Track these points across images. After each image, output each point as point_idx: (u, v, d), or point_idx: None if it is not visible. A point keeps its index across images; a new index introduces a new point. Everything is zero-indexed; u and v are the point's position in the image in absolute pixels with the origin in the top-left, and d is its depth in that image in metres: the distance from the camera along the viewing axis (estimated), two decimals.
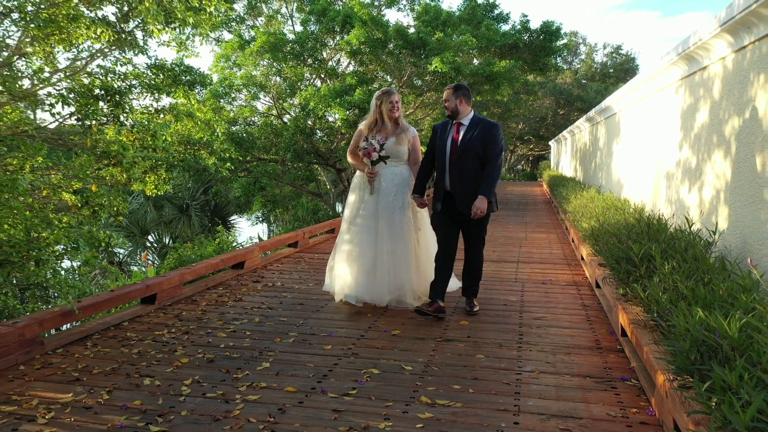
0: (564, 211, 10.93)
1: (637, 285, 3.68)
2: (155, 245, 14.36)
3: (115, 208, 5.48)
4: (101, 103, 5.33)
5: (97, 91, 5.18)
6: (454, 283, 5.40)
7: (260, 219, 21.15)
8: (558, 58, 18.05)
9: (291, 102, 16.55)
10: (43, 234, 3.99)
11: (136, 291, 4.81)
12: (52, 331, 4.43)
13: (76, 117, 5.02)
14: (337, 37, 15.20)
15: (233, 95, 14.68)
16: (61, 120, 5.01)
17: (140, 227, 14.08)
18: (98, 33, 4.82)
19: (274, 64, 14.64)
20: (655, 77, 7.01)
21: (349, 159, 5.23)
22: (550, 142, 35.02)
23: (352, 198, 5.20)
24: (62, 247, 4.17)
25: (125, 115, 5.35)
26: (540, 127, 39.87)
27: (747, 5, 3.84)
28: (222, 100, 14.62)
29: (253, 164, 14.21)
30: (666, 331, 2.72)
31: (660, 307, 2.99)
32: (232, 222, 17.27)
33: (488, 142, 4.52)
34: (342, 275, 5.08)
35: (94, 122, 5.07)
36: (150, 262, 13.64)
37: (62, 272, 4.36)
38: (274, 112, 16.43)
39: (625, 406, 3.08)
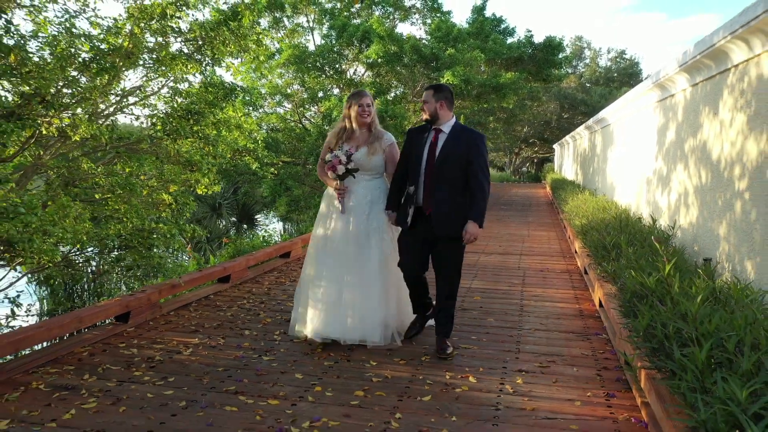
0: (562, 211, 12.16)
1: (607, 264, 4.93)
2: (188, 241, 15.67)
3: (188, 206, 6.76)
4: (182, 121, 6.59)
5: (181, 111, 6.45)
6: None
7: (279, 218, 22.41)
8: (561, 69, 19.25)
9: (310, 108, 17.84)
10: (160, 225, 5.26)
11: (216, 271, 6.08)
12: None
13: (166, 132, 6.27)
14: (355, 49, 16.47)
15: (259, 103, 15.95)
16: (154, 135, 6.27)
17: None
18: (188, 67, 6.10)
19: (298, 74, 15.90)
20: (639, 98, 8.25)
21: (320, 175, 4.51)
22: (554, 146, 36.22)
23: (321, 218, 4.50)
24: (168, 235, 5.41)
25: (202, 130, 6.60)
26: (544, 130, 41.13)
27: (694, 55, 5.08)
28: (249, 108, 15.89)
29: (279, 166, 15.49)
30: (621, 291, 3.97)
31: (618, 276, 4.23)
32: (257, 220, 18.60)
33: (473, 155, 3.91)
34: (308, 310, 4.35)
35: (180, 136, 6.32)
36: (193, 255, 14.94)
37: (168, 256, 5.58)
38: (295, 117, 17.70)
39: (595, 350, 4.32)
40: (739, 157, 4.43)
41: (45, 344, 4.15)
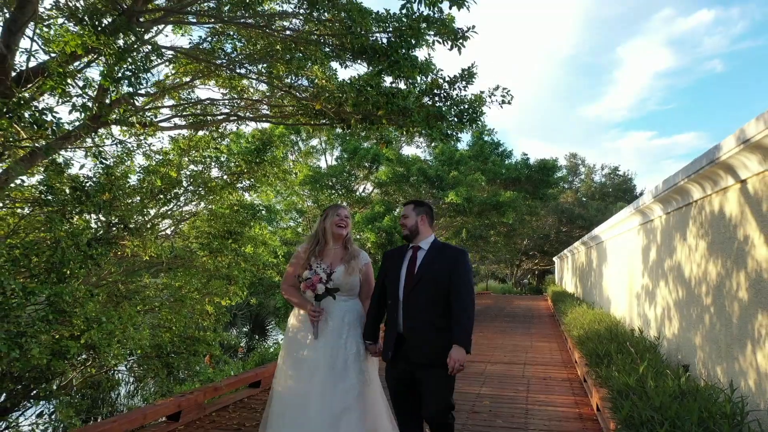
0: (563, 323, 12.80)
1: (600, 369, 5.61)
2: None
3: (223, 316, 7.52)
4: (223, 240, 7.52)
5: (223, 231, 7.40)
6: None
7: (280, 332, 22.88)
8: (556, 188, 20.67)
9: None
10: (208, 334, 6.01)
11: (249, 376, 6.72)
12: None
13: (211, 250, 7.18)
14: (365, 170, 17.91)
15: (277, 220, 17.12)
16: (201, 253, 7.18)
17: None
18: (233, 195, 7.15)
19: (312, 192, 17.20)
20: (625, 221, 9.24)
21: (285, 295, 4.05)
22: (554, 258, 37.16)
23: (290, 342, 4.01)
24: (211, 343, 6.15)
25: (239, 248, 7.52)
26: (544, 243, 42.31)
27: (664, 190, 6.08)
28: (264, 222, 17.01)
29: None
30: (611, 392, 4.66)
31: (608, 379, 4.93)
32: (269, 330, 19.17)
33: (454, 273, 3.53)
34: None
35: (220, 254, 7.21)
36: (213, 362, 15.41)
37: (205, 363, 6.26)
38: (307, 232, 18.82)
39: None
40: (704, 276, 5.27)
41: None
